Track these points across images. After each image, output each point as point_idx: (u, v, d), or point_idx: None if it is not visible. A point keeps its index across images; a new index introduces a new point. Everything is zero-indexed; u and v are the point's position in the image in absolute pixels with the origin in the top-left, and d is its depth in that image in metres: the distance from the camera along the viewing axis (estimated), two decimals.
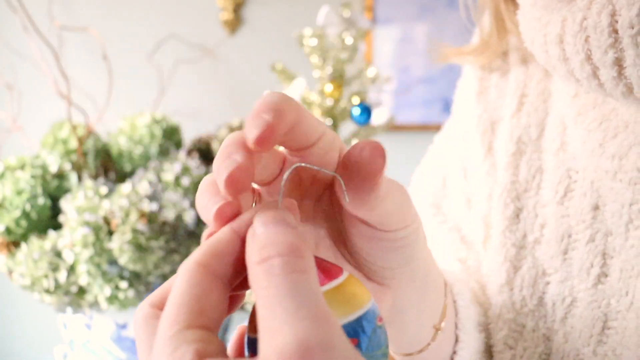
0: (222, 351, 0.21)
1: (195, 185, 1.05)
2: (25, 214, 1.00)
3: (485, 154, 0.46)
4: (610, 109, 0.37)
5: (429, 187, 0.53)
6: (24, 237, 1.02)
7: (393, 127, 1.74)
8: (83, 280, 0.94)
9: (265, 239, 0.21)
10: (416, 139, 1.77)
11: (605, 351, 0.36)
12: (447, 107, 1.80)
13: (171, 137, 1.13)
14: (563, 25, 0.34)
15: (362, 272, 0.30)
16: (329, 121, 0.86)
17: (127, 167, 1.11)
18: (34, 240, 0.97)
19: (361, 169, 0.25)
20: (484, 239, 0.46)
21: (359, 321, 0.24)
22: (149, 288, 1.00)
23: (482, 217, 0.46)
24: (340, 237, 0.30)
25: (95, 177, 1.09)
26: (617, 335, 0.35)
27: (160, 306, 0.24)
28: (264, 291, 0.20)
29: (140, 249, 0.92)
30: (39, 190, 1.02)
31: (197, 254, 0.23)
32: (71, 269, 0.95)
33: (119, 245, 0.91)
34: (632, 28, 0.30)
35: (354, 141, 0.88)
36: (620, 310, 0.35)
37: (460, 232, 0.49)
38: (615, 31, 0.31)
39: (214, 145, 1.14)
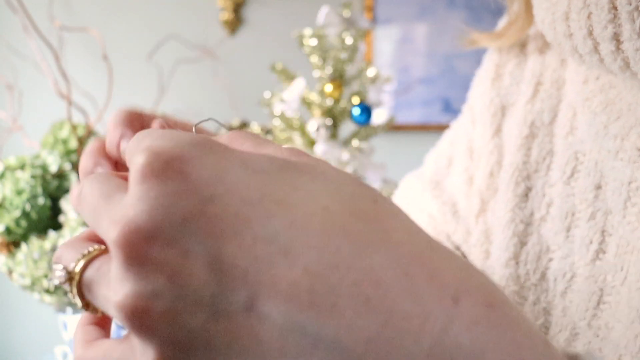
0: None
1: None
2: (25, 214, 1.00)
3: (492, 135, 0.49)
4: (616, 94, 0.39)
5: (433, 164, 0.57)
6: (24, 237, 1.02)
7: (393, 127, 1.74)
8: None
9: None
10: (416, 139, 1.77)
11: (599, 324, 0.37)
12: (447, 107, 1.80)
13: None
14: (569, 2, 0.36)
15: None
16: (329, 121, 0.86)
17: None
18: (34, 240, 0.97)
19: None
20: (478, 213, 0.48)
21: None
22: None
23: (479, 192, 0.49)
24: None
25: None
26: (610, 310, 0.36)
27: None
28: None
29: None
30: (39, 190, 1.02)
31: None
32: None
33: None
34: (630, 4, 0.32)
35: (354, 142, 0.88)
36: (615, 285, 0.36)
37: (455, 206, 0.52)
38: (615, 7, 0.33)
39: None
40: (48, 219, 1.05)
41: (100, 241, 0.24)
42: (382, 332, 0.19)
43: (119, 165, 0.30)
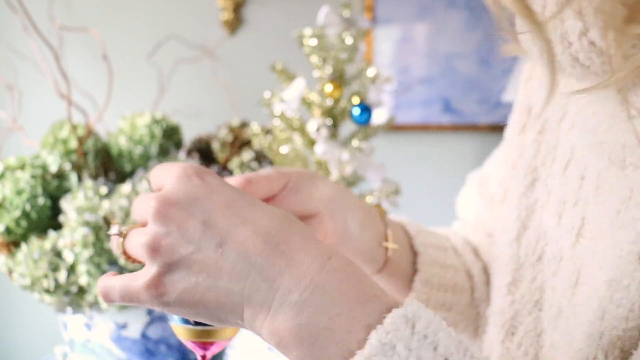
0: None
1: None
2: (25, 214, 1.00)
3: (518, 132, 0.54)
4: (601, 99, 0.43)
5: (488, 164, 0.67)
6: (24, 237, 1.02)
7: (393, 127, 1.74)
8: (83, 280, 0.94)
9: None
10: (416, 139, 1.77)
11: (576, 302, 0.41)
12: (446, 107, 1.80)
13: (171, 137, 1.14)
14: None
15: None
16: (329, 121, 0.86)
17: (127, 167, 1.11)
18: (34, 240, 0.97)
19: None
20: (501, 200, 0.55)
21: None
22: None
23: (503, 182, 0.56)
24: None
25: (95, 177, 1.09)
26: (585, 289, 0.40)
27: None
28: None
29: None
30: (39, 190, 1.02)
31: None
32: (71, 269, 0.95)
33: None
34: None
35: (354, 142, 0.88)
36: (590, 266, 0.40)
37: (491, 198, 0.63)
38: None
39: (214, 145, 1.14)
40: (48, 219, 1.05)
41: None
42: (288, 267, 0.34)
43: None
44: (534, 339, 0.46)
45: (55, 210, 1.04)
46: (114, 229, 0.39)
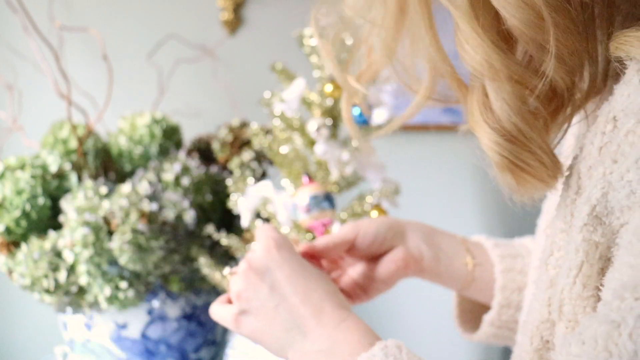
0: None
1: (195, 185, 1.05)
2: (25, 214, 1.00)
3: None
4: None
5: None
6: (24, 237, 1.02)
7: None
8: (83, 280, 0.94)
9: None
10: (416, 139, 1.77)
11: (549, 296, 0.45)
12: (446, 107, 1.80)
13: (171, 137, 1.13)
14: None
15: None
16: (329, 121, 0.86)
17: (127, 167, 1.11)
18: (34, 240, 0.97)
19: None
20: None
21: None
22: (149, 288, 1.00)
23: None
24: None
25: (95, 177, 1.09)
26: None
27: None
28: None
29: (140, 249, 0.92)
30: (39, 190, 1.02)
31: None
32: (71, 269, 0.95)
33: (119, 245, 0.91)
34: None
35: (354, 142, 0.88)
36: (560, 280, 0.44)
37: None
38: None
39: (214, 145, 1.13)
40: (48, 219, 1.05)
41: None
42: (317, 326, 0.50)
43: None
44: None
45: (56, 210, 1.04)
46: (227, 270, 0.73)
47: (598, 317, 0.30)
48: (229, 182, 0.96)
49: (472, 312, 0.73)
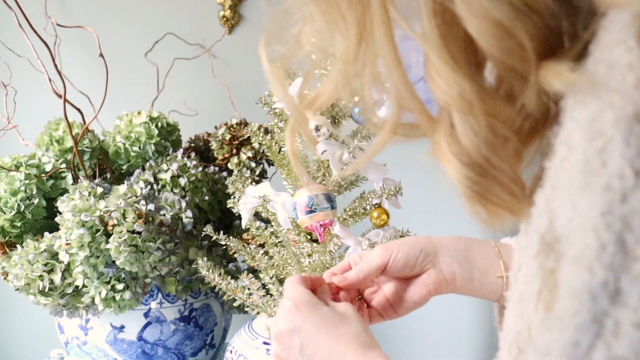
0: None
1: (192, 185, 1.04)
2: (20, 215, 0.99)
3: None
4: None
5: None
6: (19, 238, 1.00)
7: None
8: (79, 281, 0.93)
9: None
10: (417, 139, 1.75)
11: None
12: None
13: (169, 136, 1.12)
14: None
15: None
16: (328, 121, 0.85)
17: (124, 167, 1.09)
18: (29, 241, 0.96)
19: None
20: None
21: None
22: (146, 290, 0.99)
23: None
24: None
25: (91, 177, 1.08)
26: None
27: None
28: None
29: (137, 250, 0.91)
30: (34, 190, 1.00)
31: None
32: (67, 270, 0.94)
33: (116, 246, 0.89)
34: None
35: (354, 142, 0.87)
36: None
37: None
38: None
39: (212, 144, 1.12)
40: (43, 220, 1.03)
41: None
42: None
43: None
44: None
45: (51, 210, 1.02)
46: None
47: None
48: (228, 182, 0.94)
49: None
